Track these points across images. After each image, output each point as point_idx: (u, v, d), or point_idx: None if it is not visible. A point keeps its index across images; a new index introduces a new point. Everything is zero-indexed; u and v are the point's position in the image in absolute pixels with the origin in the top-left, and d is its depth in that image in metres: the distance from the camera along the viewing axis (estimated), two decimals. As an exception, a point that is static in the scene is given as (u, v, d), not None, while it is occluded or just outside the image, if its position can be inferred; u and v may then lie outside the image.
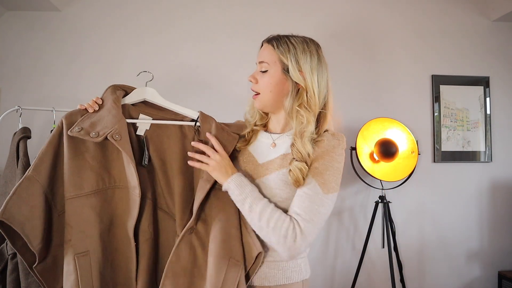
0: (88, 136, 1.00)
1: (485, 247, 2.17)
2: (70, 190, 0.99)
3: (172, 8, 2.09)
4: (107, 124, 1.02)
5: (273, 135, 1.10)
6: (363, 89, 2.15)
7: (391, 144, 1.90)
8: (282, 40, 1.04)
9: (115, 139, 1.00)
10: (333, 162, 0.99)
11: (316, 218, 0.93)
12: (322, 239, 2.09)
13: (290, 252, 0.92)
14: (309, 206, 0.94)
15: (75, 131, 1.00)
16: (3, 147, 1.54)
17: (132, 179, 1.02)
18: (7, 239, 0.94)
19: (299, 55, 1.02)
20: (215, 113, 1.17)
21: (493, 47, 2.23)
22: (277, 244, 0.93)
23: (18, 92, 1.99)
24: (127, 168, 1.04)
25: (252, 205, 0.96)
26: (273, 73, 1.03)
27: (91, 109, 1.07)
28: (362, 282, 2.05)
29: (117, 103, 1.08)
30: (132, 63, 2.04)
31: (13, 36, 2.02)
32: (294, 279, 1.03)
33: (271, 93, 1.04)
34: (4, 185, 1.33)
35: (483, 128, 2.20)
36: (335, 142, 1.01)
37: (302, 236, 0.91)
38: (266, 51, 1.05)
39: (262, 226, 0.94)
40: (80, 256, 0.96)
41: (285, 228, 0.92)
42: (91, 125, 1.02)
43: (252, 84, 1.08)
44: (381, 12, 2.19)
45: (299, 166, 0.96)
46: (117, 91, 1.13)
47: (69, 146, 1.00)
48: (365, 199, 2.12)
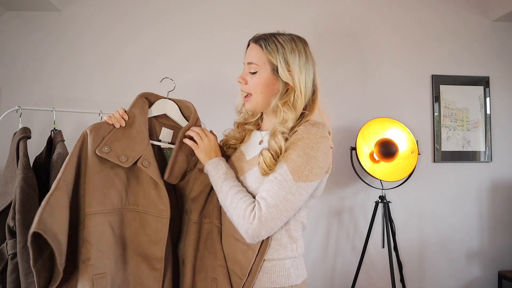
0: (117, 159, 0.98)
1: (485, 247, 2.17)
2: (93, 205, 0.94)
3: (173, 9, 2.08)
4: (137, 148, 1.01)
5: (262, 133, 1.11)
6: (363, 89, 2.15)
7: (391, 144, 1.90)
8: (270, 39, 1.02)
9: (145, 166, 0.99)
10: (308, 149, 0.93)
11: (281, 205, 0.90)
12: (322, 239, 2.09)
13: (248, 235, 0.92)
14: (276, 192, 0.91)
15: (104, 152, 0.97)
16: (3, 147, 1.54)
17: (161, 202, 1.01)
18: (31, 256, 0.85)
19: (288, 55, 1.00)
20: (212, 109, 1.17)
21: (493, 47, 2.23)
22: (237, 225, 0.94)
23: (18, 92, 1.99)
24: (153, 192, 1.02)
25: (222, 186, 0.98)
26: (262, 74, 1.02)
27: (118, 125, 1.03)
28: (362, 282, 2.05)
29: (145, 124, 1.07)
30: (132, 63, 2.04)
31: (13, 36, 2.02)
32: (281, 283, 0.97)
33: (261, 94, 1.03)
34: (4, 185, 1.33)
35: (483, 128, 2.20)
36: (312, 130, 0.96)
37: (262, 220, 0.89)
38: (254, 51, 1.03)
39: (227, 206, 0.97)
40: (98, 277, 0.90)
41: (244, 209, 0.92)
42: (120, 146, 1.00)
43: (241, 85, 1.07)
44: (382, 12, 2.18)
45: (265, 154, 0.96)
46: (144, 105, 1.10)
47: (94, 161, 0.97)
48: (365, 199, 2.12)
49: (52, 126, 1.46)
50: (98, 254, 0.92)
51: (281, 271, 0.99)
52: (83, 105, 1.97)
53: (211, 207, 1.09)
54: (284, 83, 1.01)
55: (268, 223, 0.90)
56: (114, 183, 0.99)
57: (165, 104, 1.15)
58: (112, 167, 1.00)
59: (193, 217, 1.08)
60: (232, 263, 1.02)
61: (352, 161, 1.98)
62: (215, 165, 1.03)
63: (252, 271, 0.97)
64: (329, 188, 2.07)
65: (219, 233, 1.07)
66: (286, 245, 1.00)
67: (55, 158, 1.35)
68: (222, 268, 1.02)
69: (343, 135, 2.07)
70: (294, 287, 0.99)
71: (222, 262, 1.03)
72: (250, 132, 1.14)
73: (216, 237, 1.06)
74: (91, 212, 0.94)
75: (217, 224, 1.07)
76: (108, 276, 0.93)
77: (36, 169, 1.35)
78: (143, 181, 1.03)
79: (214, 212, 1.08)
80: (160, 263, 1.00)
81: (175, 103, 1.16)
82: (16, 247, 1.22)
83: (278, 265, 0.99)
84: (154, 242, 1.01)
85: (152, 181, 1.02)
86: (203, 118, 1.23)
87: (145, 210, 1.03)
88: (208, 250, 1.05)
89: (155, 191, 1.02)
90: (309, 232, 2.07)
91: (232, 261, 1.02)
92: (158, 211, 1.02)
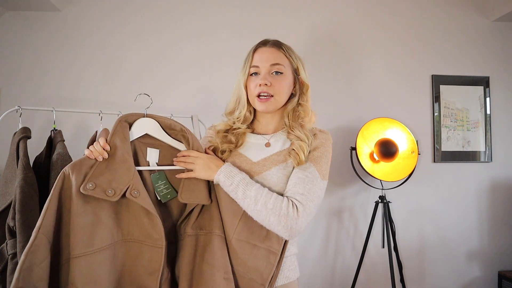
0: (104, 194, 0.91)
1: (485, 247, 2.17)
2: (78, 247, 0.89)
3: (173, 8, 2.08)
4: (122, 179, 0.95)
5: (265, 136, 1.11)
6: (363, 89, 2.15)
7: (391, 144, 1.90)
8: (283, 44, 1.10)
9: (134, 196, 0.94)
10: (326, 153, 1.06)
11: (316, 200, 0.98)
12: (322, 239, 2.09)
13: (292, 231, 0.94)
14: (311, 188, 0.98)
15: (89, 189, 0.91)
16: (3, 147, 1.54)
17: (155, 231, 0.97)
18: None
19: (298, 57, 1.11)
20: (214, 113, 1.16)
21: (493, 47, 2.23)
22: (278, 224, 0.93)
23: (18, 92, 1.99)
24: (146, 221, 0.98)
25: (246, 192, 0.97)
26: (288, 75, 1.08)
27: (101, 158, 0.96)
28: (362, 282, 2.05)
29: (129, 152, 1.00)
30: (132, 63, 2.04)
31: (13, 36, 2.02)
32: (292, 277, 1.05)
33: (286, 94, 1.09)
34: (4, 185, 1.33)
35: (483, 128, 2.20)
36: (326, 136, 1.10)
37: (305, 214, 0.94)
38: (277, 54, 1.08)
39: (260, 209, 0.95)
40: None
41: (285, 207, 0.94)
42: (106, 180, 0.93)
43: (263, 87, 1.05)
44: (382, 12, 2.18)
45: (300, 144, 1.02)
46: (124, 131, 1.02)
47: (77, 202, 0.91)
48: (365, 199, 2.12)
49: (52, 126, 1.46)
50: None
51: (290, 265, 1.05)
52: (83, 105, 1.97)
53: (207, 217, 1.03)
54: (302, 83, 1.10)
55: (309, 216, 0.96)
56: (101, 220, 0.94)
57: (145, 123, 1.06)
58: (97, 203, 0.94)
59: (188, 230, 1.02)
60: (250, 271, 0.98)
61: (352, 161, 1.98)
62: (226, 174, 1.00)
63: (274, 274, 0.98)
64: (329, 188, 2.07)
65: (222, 243, 1.00)
66: (293, 242, 1.07)
67: (55, 158, 1.35)
68: (228, 281, 0.96)
69: (343, 135, 2.07)
70: (298, 279, 1.08)
71: (229, 275, 0.97)
72: (243, 135, 1.12)
73: (219, 247, 0.99)
74: (76, 255, 0.89)
75: (218, 233, 1.01)
76: None
77: (36, 169, 1.35)
78: (134, 211, 0.98)
79: (212, 222, 1.02)
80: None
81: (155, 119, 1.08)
82: (16, 247, 1.22)
83: (288, 261, 1.05)
84: (150, 273, 0.97)
85: (144, 210, 0.97)
86: (203, 119, 1.22)
87: (140, 240, 0.98)
88: (207, 263, 0.97)
89: (148, 219, 0.97)
90: (309, 232, 2.08)
91: (250, 269, 0.98)
92: (152, 241, 0.97)
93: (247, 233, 0.98)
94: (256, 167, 1.05)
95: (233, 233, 1.00)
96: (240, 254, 0.99)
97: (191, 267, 0.98)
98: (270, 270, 0.97)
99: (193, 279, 0.97)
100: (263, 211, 0.94)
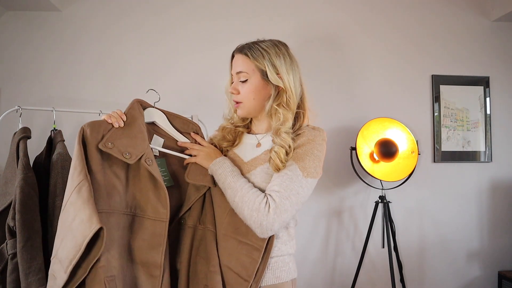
0: (120, 155, 0.93)
1: (485, 247, 2.17)
2: (99, 203, 0.90)
3: (175, 9, 2.08)
4: (139, 146, 0.97)
5: (257, 136, 1.14)
6: (363, 89, 2.15)
7: (391, 144, 1.90)
8: (253, 47, 1.08)
9: (148, 164, 0.96)
10: (313, 149, 1.02)
11: (294, 198, 0.96)
12: (322, 239, 2.09)
13: (262, 228, 0.93)
14: (289, 185, 0.96)
15: (108, 146, 0.93)
16: (3, 147, 1.55)
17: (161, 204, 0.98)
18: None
19: (274, 59, 1.06)
20: (213, 117, 1.17)
21: (493, 47, 2.23)
22: (250, 219, 0.95)
23: (18, 92, 1.99)
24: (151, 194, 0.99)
25: (231, 183, 1.00)
26: (253, 81, 1.07)
27: (117, 125, 1.00)
28: (362, 282, 2.05)
29: (144, 125, 1.05)
30: (132, 63, 2.04)
31: (13, 36, 2.02)
32: (284, 278, 1.03)
33: (254, 100, 1.09)
34: (4, 185, 1.33)
35: (483, 128, 2.20)
36: (315, 133, 1.06)
37: (277, 211, 0.93)
38: (241, 60, 1.08)
39: (237, 201, 0.97)
40: (109, 280, 0.86)
41: (258, 202, 0.94)
42: (122, 144, 0.96)
43: (233, 95, 1.11)
44: (382, 12, 2.18)
45: (277, 150, 1.00)
46: (140, 108, 1.08)
47: (96, 158, 0.93)
48: (365, 199, 2.12)
49: (52, 126, 1.46)
50: (107, 256, 0.87)
51: (283, 266, 1.04)
52: (83, 105, 1.97)
53: (204, 213, 1.08)
54: (275, 86, 1.07)
55: (282, 214, 0.94)
56: (116, 185, 0.96)
57: (154, 112, 1.14)
58: (110, 167, 0.96)
59: (189, 222, 1.07)
60: (236, 265, 1.00)
61: (352, 161, 1.99)
62: (220, 164, 1.06)
63: (259, 270, 0.98)
64: (329, 188, 2.07)
65: (213, 237, 1.04)
66: (286, 242, 1.06)
67: (55, 158, 1.35)
68: (215, 274, 0.99)
69: (343, 135, 2.07)
70: (293, 280, 1.06)
71: (216, 268, 1.00)
72: (241, 134, 1.18)
73: (210, 242, 1.03)
74: (98, 210, 0.88)
75: (210, 228, 1.05)
76: (116, 280, 0.88)
77: (36, 169, 1.35)
78: (140, 182, 1.00)
79: (207, 217, 1.06)
80: (158, 269, 0.96)
81: (163, 113, 1.15)
82: (16, 247, 1.22)
83: (281, 261, 1.04)
84: (153, 247, 0.96)
85: (152, 182, 0.98)
86: (204, 119, 1.23)
87: (142, 214, 0.99)
88: (200, 256, 1.03)
89: (154, 192, 0.98)
90: (309, 232, 2.08)
91: (236, 263, 1.00)
92: (156, 214, 0.97)
93: (232, 228, 1.01)
94: (245, 167, 1.08)
95: (222, 228, 1.04)
96: (227, 249, 1.02)
97: (188, 259, 1.04)
98: (254, 267, 0.97)
99: (189, 270, 1.03)
100: (239, 203, 0.97)
